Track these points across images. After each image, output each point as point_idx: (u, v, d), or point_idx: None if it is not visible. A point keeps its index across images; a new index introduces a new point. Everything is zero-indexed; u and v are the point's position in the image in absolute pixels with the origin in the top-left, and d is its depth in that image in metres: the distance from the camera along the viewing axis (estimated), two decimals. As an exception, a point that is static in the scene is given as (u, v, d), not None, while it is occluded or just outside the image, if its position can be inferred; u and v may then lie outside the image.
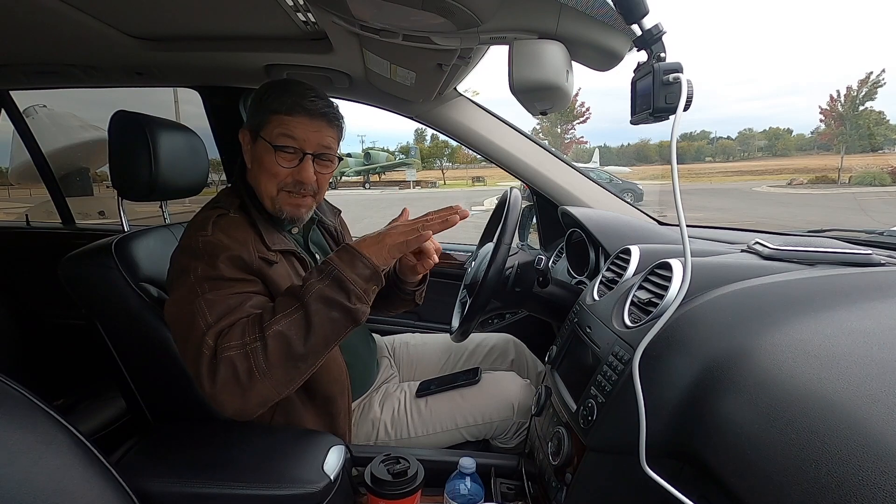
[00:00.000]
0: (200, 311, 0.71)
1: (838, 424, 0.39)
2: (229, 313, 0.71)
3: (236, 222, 0.82)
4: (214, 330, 0.69)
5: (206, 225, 0.79)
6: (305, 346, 0.68)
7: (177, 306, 0.75)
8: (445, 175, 34.47)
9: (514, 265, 0.96)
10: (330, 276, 0.71)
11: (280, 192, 0.85)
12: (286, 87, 0.84)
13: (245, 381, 0.66)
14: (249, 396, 0.67)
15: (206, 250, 0.76)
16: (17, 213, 4.53)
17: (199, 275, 0.74)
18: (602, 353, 0.69)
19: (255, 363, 0.66)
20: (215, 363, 0.67)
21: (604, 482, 0.63)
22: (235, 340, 0.68)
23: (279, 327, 0.68)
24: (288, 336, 0.68)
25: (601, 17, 0.71)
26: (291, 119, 0.82)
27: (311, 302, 0.69)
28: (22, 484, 0.46)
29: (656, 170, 33.01)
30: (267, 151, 0.83)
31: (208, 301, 0.72)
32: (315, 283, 0.70)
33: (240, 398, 0.67)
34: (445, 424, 0.98)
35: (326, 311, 0.69)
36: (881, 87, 26.36)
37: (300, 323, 0.69)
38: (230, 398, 0.67)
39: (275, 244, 0.84)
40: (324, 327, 0.69)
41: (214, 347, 0.68)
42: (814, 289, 0.63)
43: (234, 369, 0.66)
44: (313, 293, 0.70)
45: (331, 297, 0.69)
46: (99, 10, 0.95)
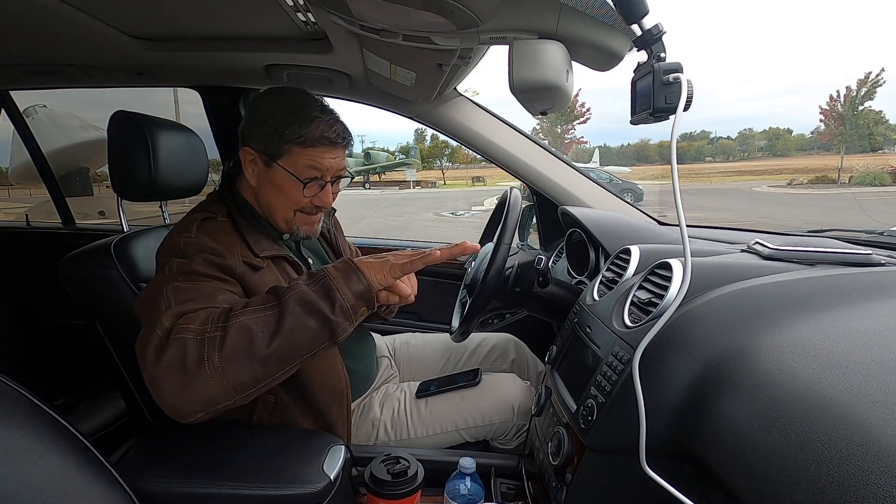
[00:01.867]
0: (165, 297, 0.67)
1: (838, 424, 0.39)
2: (196, 300, 0.67)
3: (222, 227, 0.82)
4: (174, 311, 0.64)
5: (190, 227, 0.78)
6: (269, 347, 0.62)
7: (144, 294, 0.72)
8: (445, 175, 34.47)
9: (514, 265, 0.96)
10: (319, 282, 0.67)
11: (296, 214, 0.86)
12: (305, 114, 0.80)
13: (191, 369, 0.59)
14: (190, 388, 0.59)
15: (185, 249, 0.75)
16: (17, 213, 4.53)
17: (175, 268, 0.72)
18: (602, 353, 0.69)
19: (207, 351, 0.60)
20: (165, 343, 0.61)
21: (604, 482, 0.63)
22: (195, 325, 0.62)
23: (245, 319, 0.63)
24: (252, 331, 0.62)
25: (601, 17, 0.71)
26: (317, 151, 0.81)
27: (290, 301, 0.64)
28: (22, 484, 0.46)
29: (656, 170, 33.00)
30: (291, 182, 0.82)
31: (177, 288, 0.68)
32: (301, 284, 0.67)
33: (179, 387, 0.59)
34: (445, 426, 0.98)
35: (303, 317, 0.64)
36: (880, 87, 26.37)
37: (271, 321, 0.63)
38: (170, 385, 0.59)
39: (263, 250, 0.83)
40: (295, 333, 0.63)
41: (169, 328, 0.62)
42: (814, 289, 0.63)
43: (184, 353, 0.59)
44: (295, 293, 0.65)
45: (313, 302, 0.65)
46: (99, 10, 0.95)
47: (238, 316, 0.63)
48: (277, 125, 0.80)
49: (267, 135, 0.82)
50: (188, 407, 0.61)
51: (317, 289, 0.66)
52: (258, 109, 0.84)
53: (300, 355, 0.65)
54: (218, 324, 0.62)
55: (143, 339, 0.64)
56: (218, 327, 0.62)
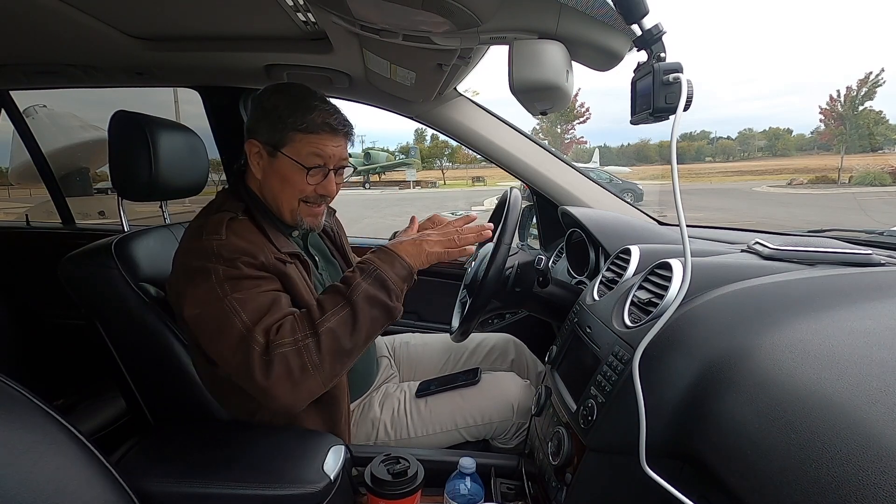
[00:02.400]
0: (233, 309, 0.72)
1: (838, 424, 0.39)
2: (269, 311, 0.74)
3: (246, 226, 0.83)
4: (262, 327, 0.71)
5: (219, 228, 0.79)
6: (352, 342, 0.74)
7: (201, 307, 0.74)
8: (445, 175, 34.45)
9: (514, 265, 0.96)
10: (372, 275, 0.76)
11: (301, 204, 0.87)
12: (307, 104, 0.83)
13: (298, 376, 0.70)
14: (300, 390, 0.70)
15: (221, 253, 0.76)
16: (17, 213, 4.53)
17: (221, 276, 0.74)
18: (602, 353, 0.69)
19: (308, 358, 0.70)
20: (268, 359, 0.69)
21: (604, 482, 0.63)
22: (287, 337, 0.71)
23: (330, 325, 0.73)
24: (338, 333, 0.73)
25: (601, 17, 0.71)
26: (320, 138, 0.84)
27: (358, 301, 0.75)
28: (22, 484, 0.46)
29: (656, 170, 32.98)
30: (295, 170, 0.84)
31: (238, 300, 0.73)
32: (360, 281, 0.76)
33: (291, 392, 0.70)
34: (445, 425, 0.98)
35: (370, 309, 0.75)
36: (880, 87, 26.36)
37: (348, 320, 0.74)
38: (283, 392, 0.69)
39: (283, 247, 0.85)
40: (368, 325, 0.75)
41: (266, 344, 0.70)
42: (814, 289, 0.63)
43: (288, 365, 0.69)
44: (360, 292, 0.75)
45: (375, 295, 0.75)
46: (99, 10, 0.95)
47: (323, 322, 0.73)
48: (280, 115, 0.83)
49: (270, 125, 0.84)
50: (300, 404, 0.73)
51: (372, 282, 0.76)
52: (262, 103, 0.86)
53: (373, 338, 0.79)
54: (306, 331, 0.72)
55: (241, 356, 0.70)
56: (307, 335, 0.72)
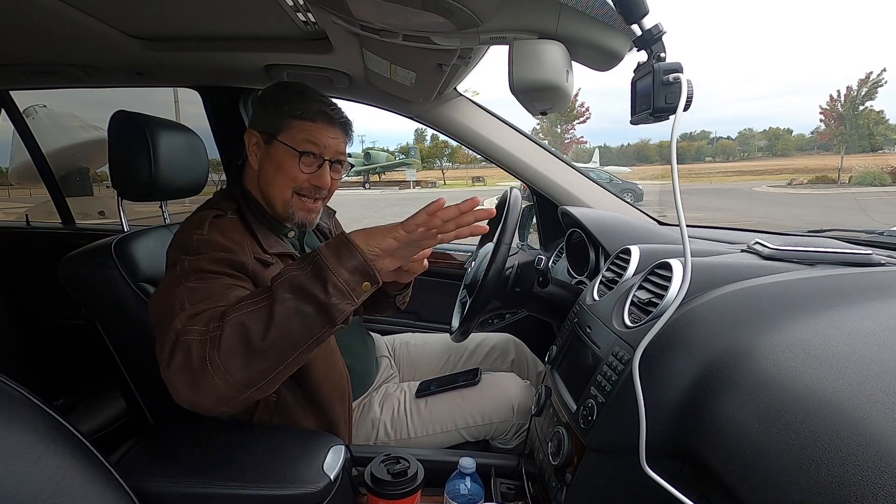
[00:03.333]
0: (179, 298, 0.67)
1: (838, 424, 0.39)
2: (207, 299, 0.67)
3: (233, 224, 0.83)
4: (187, 313, 0.65)
5: (202, 224, 0.79)
6: (265, 340, 0.60)
7: (158, 295, 0.73)
8: (445, 175, 34.47)
9: (514, 265, 0.96)
10: (310, 264, 0.63)
11: (294, 197, 0.87)
12: (306, 94, 0.85)
13: (197, 369, 0.60)
14: (201, 387, 0.61)
15: (198, 247, 0.75)
16: (17, 213, 4.53)
17: (186, 267, 0.72)
18: (602, 353, 0.69)
19: (208, 352, 0.60)
20: (174, 347, 0.62)
21: (604, 482, 0.63)
22: (199, 326, 0.62)
23: (239, 314, 0.61)
24: (246, 326, 0.60)
25: (601, 17, 0.71)
26: (314, 126, 0.84)
27: (279, 289, 0.62)
28: (22, 484, 0.46)
29: (656, 170, 32.99)
30: (288, 156, 0.84)
31: (189, 289, 0.68)
32: (292, 269, 0.64)
33: (190, 387, 0.61)
34: (445, 425, 0.98)
35: (296, 303, 0.61)
36: (881, 87, 26.39)
37: (263, 313, 0.61)
38: (182, 385, 0.61)
39: (271, 248, 0.84)
40: (290, 321, 0.61)
41: (179, 330, 0.63)
42: (814, 289, 0.63)
43: (189, 355, 0.61)
44: (285, 279, 0.63)
45: (303, 285, 0.61)
46: (99, 10, 0.95)
47: (232, 313, 0.62)
48: (279, 104, 0.85)
49: (268, 114, 0.86)
50: (204, 404, 0.62)
51: (307, 271, 0.63)
52: (264, 97, 0.89)
53: (301, 343, 0.63)
54: (218, 323, 0.62)
55: (159, 341, 0.65)
56: (217, 326, 0.61)
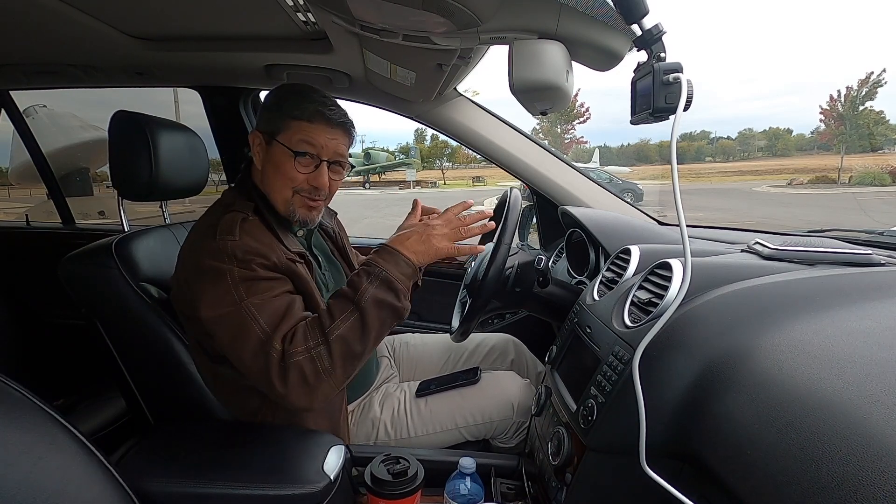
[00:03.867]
0: (251, 315, 0.73)
1: (838, 424, 0.39)
2: (284, 317, 0.75)
3: (257, 226, 0.83)
4: (279, 334, 0.73)
5: (233, 228, 0.79)
6: (362, 345, 0.75)
7: (218, 310, 0.75)
8: (445, 175, 34.46)
9: (514, 265, 0.96)
10: (378, 277, 0.77)
11: (294, 196, 0.87)
12: (306, 95, 0.85)
13: (313, 382, 0.72)
14: (316, 394, 0.73)
15: (235, 253, 0.76)
16: (17, 213, 4.53)
17: (236, 277, 0.75)
18: (602, 353, 0.69)
19: (321, 365, 0.72)
20: (284, 367, 0.71)
21: (604, 482, 0.63)
22: (300, 345, 0.72)
23: (340, 331, 0.74)
24: (348, 339, 0.74)
25: (601, 17, 0.71)
26: (311, 126, 0.84)
27: (366, 305, 0.75)
28: (22, 484, 0.46)
29: (656, 170, 32.98)
30: (285, 156, 0.84)
31: (256, 305, 0.74)
32: (367, 286, 0.77)
33: (307, 397, 0.73)
34: (445, 424, 0.98)
35: (378, 312, 0.76)
36: (881, 87, 26.39)
37: (357, 325, 0.75)
38: (299, 398, 0.72)
39: (291, 247, 0.85)
40: (377, 327, 0.76)
41: (282, 351, 0.72)
42: (814, 289, 0.63)
43: (303, 372, 0.71)
44: (367, 296, 0.76)
45: (383, 298, 0.77)
46: (99, 10, 0.95)
47: (333, 330, 0.74)
48: (280, 106, 0.86)
49: (270, 115, 0.87)
50: (316, 405, 0.75)
51: (379, 285, 0.77)
52: (268, 99, 0.89)
53: (382, 338, 0.79)
54: (318, 339, 0.74)
55: (260, 363, 0.73)
56: (319, 342, 0.73)
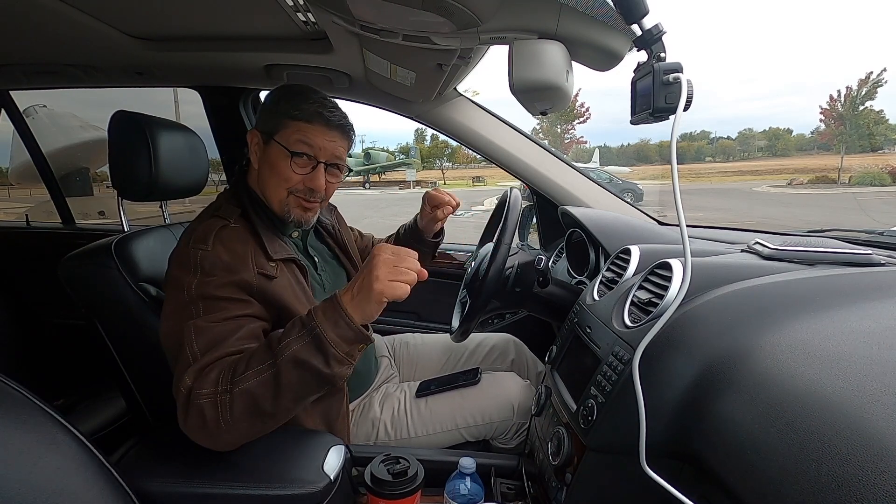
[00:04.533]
0: (188, 337, 0.70)
1: (838, 424, 0.39)
2: (215, 347, 0.70)
3: (237, 234, 0.81)
4: (195, 368, 0.68)
5: (206, 238, 0.78)
6: (273, 406, 0.67)
7: (169, 322, 0.74)
8: (445, 175, 34.46)
9: (514, 265, 0.96)
10: (310, 334, 0.67)
11: (289, 196, 0.86)
12: (305, 95, 0.85)
13: (212, 428, 0.66)
14: (218, 440, 0.68)
15: (202, 266, 0.74)
16: (17, 213, 4.53)
17: (194, 292, 0.73)
18: (602, 353, 0.69)
19: (221, 414, 0.65)
20: (188, 405, 0.67)
21: (604, 482, 0.63)
22: (208, 388, 0.67)
23: (247, 385, 0.66)
24: (255, 395, 0.66)
25: (601, 17, 0.71)
26: (310, 127, 0.83)
27: (284, 364, 0.66)
28: (22, 484, 0.46)
29: (656, 170, 32.99)
30: (282, 156, 0.84)
31: (198, 328, 0.71)
32: (293, 341, 0.67)
33: (209, 440, 0.68)
34: (445, 425, 0.98)
35: (300, 374, 0.66)
36: (881, 87, 26.39)
37: (269, 383, 0.66)
38: (199, 438, 0.68)
39: (276, 253, 0.83)
40: (293, 389, 0.67)
41: (190, 387, 0.67)
42: (814, 289, 0.63)
43: (203, 416, 0.66)
44: (288, 354, 0.66)
45: (306, 360, 0.66)
46: (99, 10, 0.95)
47: (241, 381, 0.66)
48: (279, 104, 0.85)
49: (269, 115, 0.87)
50: (221, 448, 0.70)
51: (307, 343, 0.67)
52: (267, 97, 0.89)
53: (305, 401, 0.71)
54: (227, 385, 0.67)
55: (175, 388, 0.70)
56: (227, 389, 0.66)
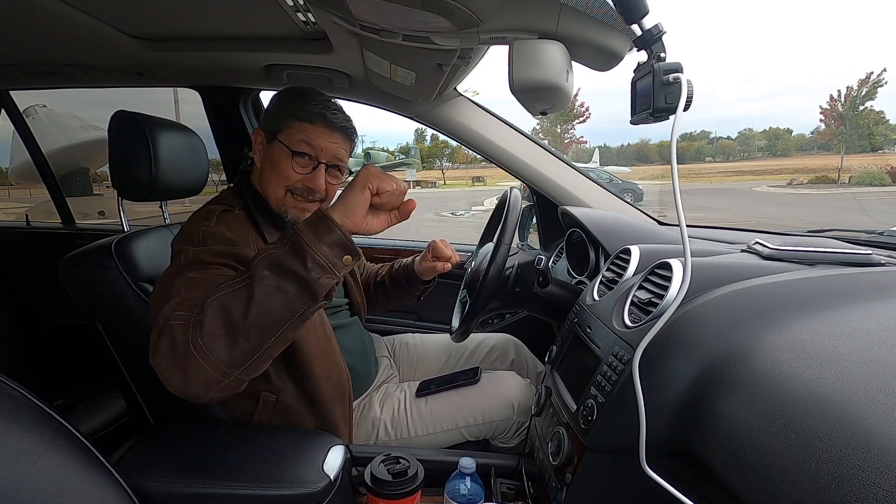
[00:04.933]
0: (176, 288, 0.67)
1: (838, 424, 0.39)
2: (201, 288, 0.66)
3: (240, 219, 0.84)
4: (176, 300, 0.64)
5: (210, 217, 0.80)
6: (246, 319, 0.60)
7: (158, 285, 0.73)
8: (445, 175, 34.44)
9: (514, 265, 0.96)
10: (288, 241, 0.63)
11: (287, 195, 0.87)
12: (310, 97, 0.86)
13: (181, 354, 0.60)
14: (188, 372, 0.60)
15: (203, 239, 0.76)
16: (17, 213, 4.54)
17: (190, 257, 0.73)
18: (602, 353, 0.69)
19: (191, 335, 0.60)
20: (160, 334, 0.62)
21: (604, 482, 0.63)
22: (184, 311, 0.62)
23: (220, 296, 0.61)
24: (227, 307, 0.60)
25: (601, 17, 0.71)
26: (313, 127, 0.85)
27: (259, 267, 0.61)
28: (22, 484, 0.46)
29: (656, 170, 33.01)
30: (283, 155, 0.85)
31: (188, 279, 0.67)
32: (271, 248, 0.63)
33: (178, 372, 0.61)
34: (445, 424, 0.98)
35: (276, 280, 0.61)
36: (881, 87, 26.41)
37: (243, 293, 0.61)
38: (169, 372, 0.61)
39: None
40: (270, 299, 0.60)
41: (167, 315, 0.63)
42: (814, 289, 0.63)
43: (174, 340, 0.60)
44: (263, 258, 0.62)
45: (282, 263, 0.61)
46: (99, 10, 0.95)
47: (213, 296, 0.62)
48: (283, 105, 0.87)
49: (273, 114, 0.88)
50: (194, 390, 0.62)
51: (286, 249, 0.62)
52: (273, 97, 0.90)
53: (285, 320, 0.62)
54: (202, 307, 0.62)
55: (154, 322, 0.65)
56: (199, 311, 0.61)
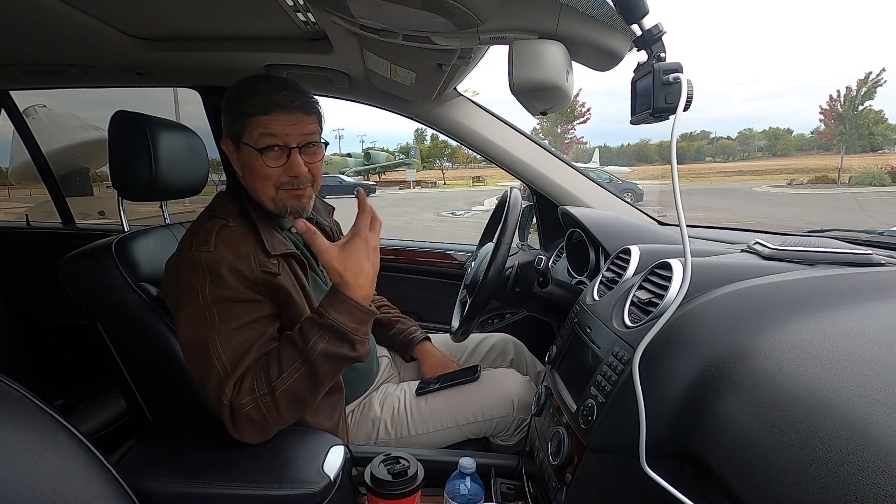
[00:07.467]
0: (215, 350, 0.74)
1: (838, 425, 0.39)
2: (242, 357, 0.75)
3: (237, 233, 0.81)
4: (231, 380, 0.73)
5: (208, 239, 0.78)
6: (314, 394, 0.76)
7: (188, 329, 0.76)
8: (445, 175, 34.47)
9: (514, 265, 0.96)
10: (330, 331, 0.74)
11: (279, 191, 0.84)
12: (255, 87, 0.81)
13: (261, 426, 0.74)
14: (269, 432, 0.76)
15: (208, 267, 0.75)
16: (17, 213, 4.54)
17: (208, 296, 0.75)
18: (602, 353, 0.69)
19: (268, 413, 0.73)
20: (233, 417, 0.73)
21: (604, 482, 0.63)
22: (247, 396, 0.73)
23: (288, 385, 0.73)
24: (297, 391, 0.74)
25: (601, 17, 0.71)
26: (268, 118, 0.80)
27: (317, 360, 0.73)
28: (22, 484, 0.46)
29: (656, 170, 33.02)
30: (253, 156, 0.81)
31: (223, 338, 0.75)
32: (317, 340, 0.74)
33: (260, 435, 0.75)
34: (445, 422, 0.98)
35: (331, 363, 0.75)
36: (881, 87, 26.41)
37: (307, 378, 0.74)
38: (252, 437, 0.75)
39: (275, 249, 0.83)
40: (328, 377, 0.76)
41: (231, 401, 0.73)
42: (814, 289, 0.63)
43: (251, 420, 0.73)
44: (318, 353, 0.73)
45: (335, 352, 0.74)
46: (99, 10, 0.95)
47: (280, 383, 0.73)
48: (235, 106, 0.82)
49: (230, 120, 0.84)
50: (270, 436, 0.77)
51: (331, 338, 0.74)
52: (225, 100, 0.85)
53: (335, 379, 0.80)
54: (264, 390, 0.73)
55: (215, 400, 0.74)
56: (265, 393, 0.73)
